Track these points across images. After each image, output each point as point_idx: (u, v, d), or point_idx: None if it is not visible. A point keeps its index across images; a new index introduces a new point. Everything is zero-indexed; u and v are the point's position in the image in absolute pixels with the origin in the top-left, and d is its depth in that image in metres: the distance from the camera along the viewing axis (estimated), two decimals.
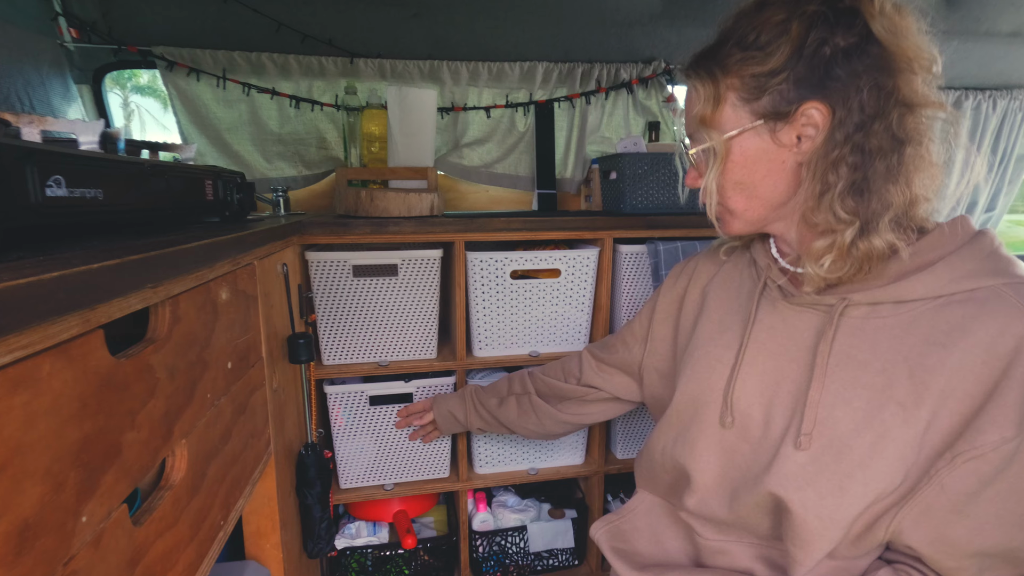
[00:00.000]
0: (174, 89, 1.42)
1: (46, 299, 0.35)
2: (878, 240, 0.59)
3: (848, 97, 0.58)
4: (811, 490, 0.63)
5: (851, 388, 0.62)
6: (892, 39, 0.57)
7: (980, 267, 0.60)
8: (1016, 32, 1.78)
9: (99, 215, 0.57)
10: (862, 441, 0.60)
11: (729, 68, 0.63)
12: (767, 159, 0.64)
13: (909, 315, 0.61)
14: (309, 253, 1.19)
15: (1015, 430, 0.54)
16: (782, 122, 0.62)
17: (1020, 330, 0.55)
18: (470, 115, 1.61)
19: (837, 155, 0.59)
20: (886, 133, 0.58)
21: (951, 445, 0.57)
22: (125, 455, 0.47)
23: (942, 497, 0.57)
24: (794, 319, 0.68)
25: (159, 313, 0.55)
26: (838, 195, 0.59)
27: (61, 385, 0.38)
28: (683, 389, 0.78)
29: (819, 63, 0.59)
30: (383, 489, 1.34)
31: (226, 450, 0.71)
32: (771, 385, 0.69)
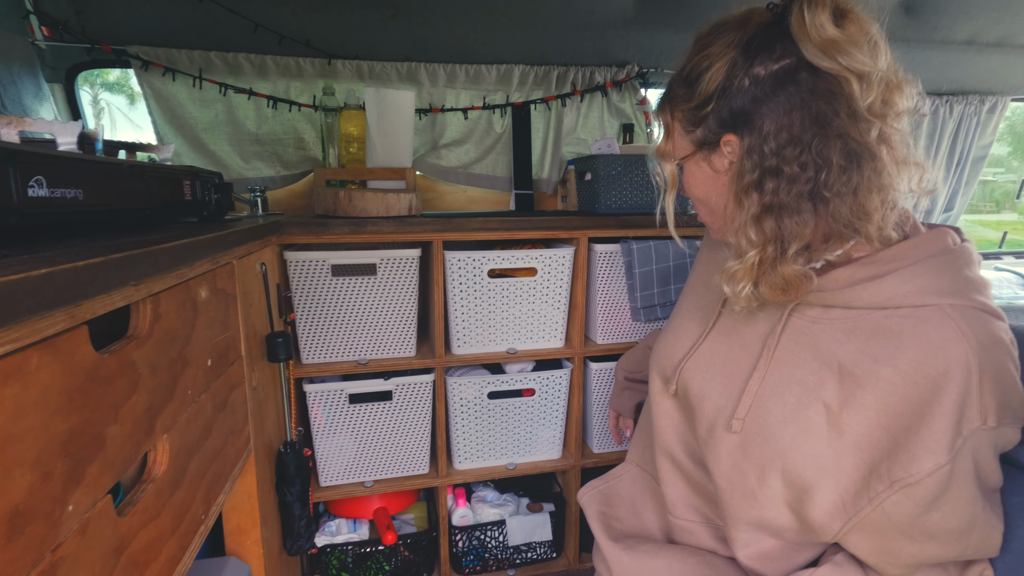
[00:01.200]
0: (149, 89, 1.42)
1: (34, 295, 0.37)
2: (794, 266, 0.60)
3: (761, 126, 0.59)
4: (736, 471, 0.67)
5: (786, 383, 0.66)
6: (825, 60, 0.56)
7: (932, 284, 0.59)
8: (970, 40, 1.86)
9: (80, 215, 0.58)
10: (785, 433, 0.64)
11: (674, 102, 0.68)
12: (711, 181, 0.68)
13: (854, 322, 0.62)
14: (288, 253, 1.20)
15: (947, 455, 0.54)
16: (712, 151, 0.65)
17: (954, 354, 0.55)
18: (448, 116, 1.64)
19: (748, 180, 0.61)
20: (802, 157, 0.57)
21: (886, 466, 0.58)
22: (109, 448, 0.48)
23: (885, 520, 0.59)
24: (757, 311, 0.71)
25: (140, 310, 0.57)
26: (751, 219, 0.61)
27: (48, 378, 0.40)
28: (657, 346, 0.85)
29: (738, 95, 0.60)
30: (363, 486, 1.35)
31: (207, 446, 0.72)
32: (720, 366, 0.73)
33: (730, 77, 0.61)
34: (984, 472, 0.60)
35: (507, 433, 1.43)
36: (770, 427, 0.65)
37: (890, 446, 0.58)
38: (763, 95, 0.59)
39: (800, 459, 0.63)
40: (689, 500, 0.80)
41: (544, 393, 1.42)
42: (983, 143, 2.07)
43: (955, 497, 0.57)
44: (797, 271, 0.61)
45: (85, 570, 0.44)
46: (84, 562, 0.44)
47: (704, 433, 0.73)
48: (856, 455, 0.60)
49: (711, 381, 0.74)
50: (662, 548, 0.79)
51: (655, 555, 0.79)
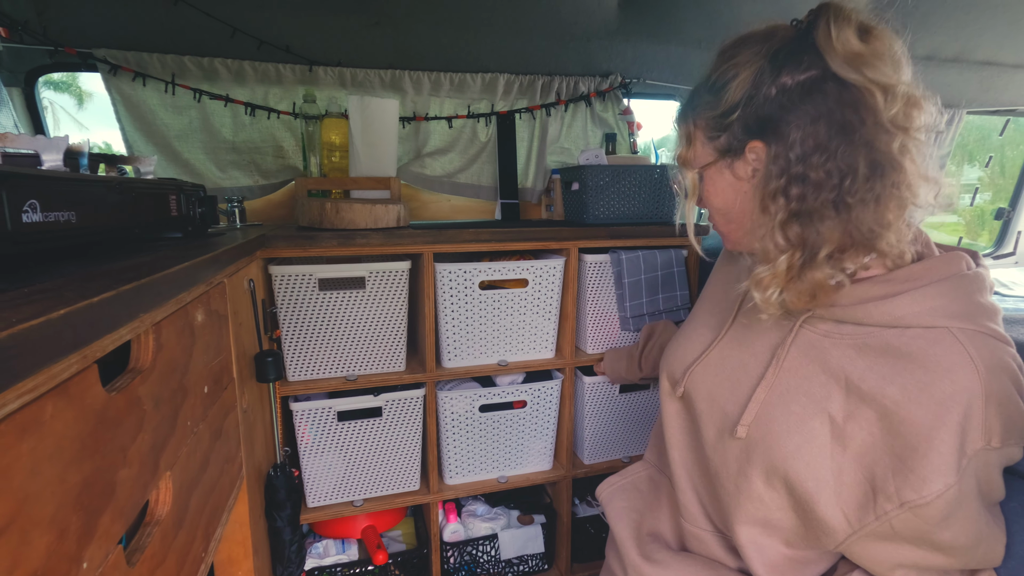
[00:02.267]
0: (118, 95, 1.35)
1: (54, 339, 0.33)
2: (818, 272, 0.61)
3: (786, 134, 0.60)
4: (742, 476, 0.69)
5: (793, 393, 0.67)
6: (851, 72, 0.57)
7: (943, 307, 0.60)
8: (930, 55, 1.95)
9: (73, 239, 0.54)
10: (789, 442, 0.65)
11: (697, 110, 0.70)
12: (732, 189, 0.70)
13: (864, 338, 0.63)
14: (273, 267, 1.15)
15: (955, 476, 0.55)
16: (736, 158, 0.67)
17: (962, 378, 0.56)
18: (431, 125, 1.61)
19: (774, 186, 0.62)
20: (827, 164, 0.58)
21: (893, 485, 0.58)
22: (119, 494, 0.45)
23: (893, 534, 0.60)
24: (769, 321, 0.72)
25: (143, 342, 0.53)
26: (779, 224, 0.62)
27: (63, 427, 0.37)
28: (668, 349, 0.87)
29: (764, 103, 0.62)
30: (352, 506, 1.31)
31: (205, 479, 0.68)
32: (729, 373, 0.75)
33: (757, 86, 0.62)
34: (988, 488, 0.61)
35: (498, 446, 1.41)
36: (775, 435, 0.67)
37: (893, 465, 0.59)
38: (790, 103, 0.60)
39: (802, 468, 0.64)
40: (701, 507, 0.81)
41: (535, 405, 1.41)
42: (942, 153, 2.17)
43: (963, 517, 0.58)
44: (827, 275, 0.61)
45: None
46: None
47: (712, 438, 0.75)
48: (857, 469, 0.61)
49: (719, 387, 0.75)
50: (676, 558, 0.80)
51: (669, 566, 0.79)
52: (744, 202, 0.69)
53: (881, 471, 0.60)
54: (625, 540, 0.85)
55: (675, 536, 0.86)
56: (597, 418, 1.45)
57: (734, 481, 0.71)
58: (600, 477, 1.52)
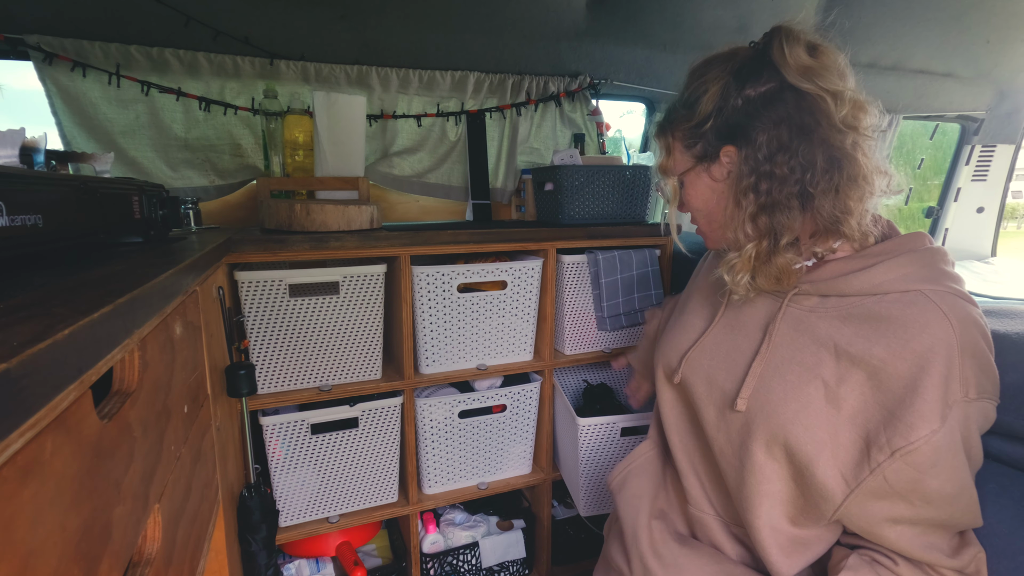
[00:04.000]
0: (53, 86, 1.22)
1: (60, 364, 0.28)
2: (786, 256, 0.70)
3: (754, 138, 0.69)
4: (744, 449, 0.73)
5: (787, 364, 0.72)
6: (805, 82, 0.65)
7: (915, 273, 0.67)
8: (871, 63, 2.07)
9: (40, 245, 0.48)
10: (787, 408, 0.70)
11: (674, 124, 0.78)
12: (710, 191, 0.77)
13: (848, 307, 0.69)
14: (239, 273, 1.08)
15: (940, 422, 0.61)
16: (712, 163, 0.75)
17: (938, 331, 0.62)
18: (400, 123, 1.56)
19: (745, 184, 0.70)
20: (792, 161, 0.67)
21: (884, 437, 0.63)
22: (115, 535, 0.39)
23: (886, 487, 0.64)
24: (757, 302, 0.79)
25: (129, 362, 0.47)
26: (748, 216, 0.70)
27: (62, 465, 0.31)
28: (663, 340, 0.91)
29: (732, 113, 0.71)
30: (328, 522, 1.25)
31: (188, 508, 0.62)
32: (725, 354, 0.80)
33: (725, 98, 0.71)
34: (968, 445, 0.66)
35: (478, 452, 1.38)
36: (773, 404, 0.71)
37: (884, 418, 0.64)
38: (755, 111, 0.69)
39: (801, 432, 0.68)
40: (703, 491, 0.84)
41: (514, 408, 1.39)
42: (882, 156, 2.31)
43: (949, 465, 0.63)
44: (788, 261, 0.70)
45: None
46: None
47: (714, 417, 0.79)
48: (852, 429, 0.66)
49: (716, 368, 0.80)
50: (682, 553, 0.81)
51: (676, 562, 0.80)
52: (721, 201, 0.77)
53: (873, 426, 0.64)
54: (634, 530, 0.87)
55: (681, 515, 0.88)
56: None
57: (737, 455, 0.75)
58: None
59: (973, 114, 2.40)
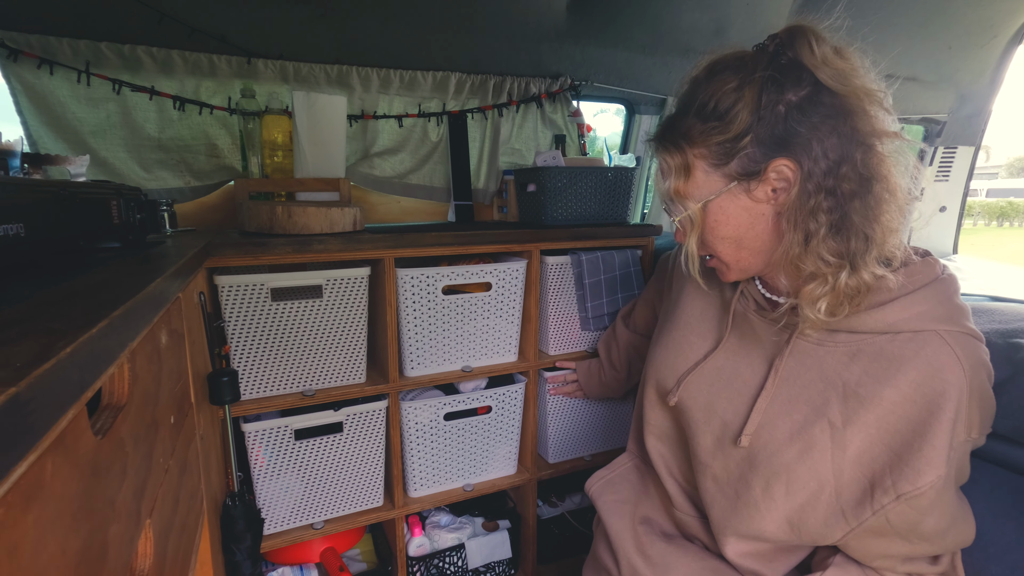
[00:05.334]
0: (18, 84, 1.17)
1: (65, 383, 0.27)
2: (866, 274, 0.62)
3: (811, 148, 0.60)
4: (743, 483, 0.72)
5: (793, 402, 0.70)
6: (840, 84, 0.60)
7: (930, 311, 0.63)
8: None
9: (22, 254, 0.46)
10: (792, 448, 0.68)
11: (694, 139, 0.66)
12: (747, 214, 0.67)
13: (858, 344, 0.66)
14: (219, 277, 1.05)
15: (946, 468, 0.60)
16: (755, 180, 0.65)
17: (950, 376, 0.60)
18: (380, 124, 1.54)
19: (814, 204, 0.61)
20: (854, 174, 0.60)
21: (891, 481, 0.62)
22: (111, 555, 0.38)
23: (887, 527, 0.64)
24: (762, 331, 0.75)
25: (119, 376, 0.46)
26: (822, 240, 0.61)
27: (62, 487, 0.30)
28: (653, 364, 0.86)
29: (777, 122, 0.62)
30: (312, 529, 1.23)
31: (176, 522, 0.61)
32: (726, 383, 0.76)
33: (764, 105, 0.62)
34: (960, 475, 0.67)
35: (463, 454, 1.38)
36: (777, 442, 0.69)
37: (890, 461, 0.62)
38: (802, 116, 0.61)
39: (804, 472, 0.67)
40: (687, 498, 0.85)
41: (500, 409, 1.39)
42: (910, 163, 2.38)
43: (943, 503, 0.64)
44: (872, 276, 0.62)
45: None
46: None
47: (710, 445, 0.76)
48: (857, 469, 0.64)
49: (716, 396, 0.76)
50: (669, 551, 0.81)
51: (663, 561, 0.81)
52: (761, 224, 0.67)
53: (879, 467, 0.63)
54: (620, 532, 0.86)
55: (667, 518, 0.89)
56: (560, 417, 1.45)
57: (734, 487, 0.73)
58: (564, 477, 1.53)
59: (936, 117, 2.49)
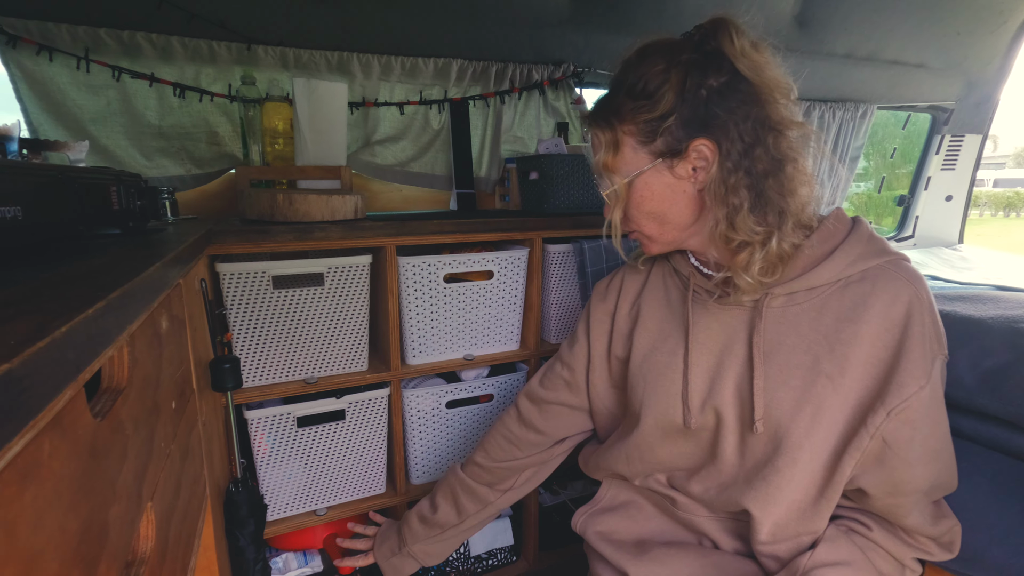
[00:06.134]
0: (18, 71, 1.17)
1: (60, 363, 0.27)
2: (786, 243, 0.69)
3: (728, 130, 0.66)
4: (770, 467, 0.71)
5: (787, 370, 0.71)
6: (755, 74, 0.66)
7: (866, 250, 0.70)
8: (848, 54, 2.11)
9: (19, 237, 0.46)
10: (804, 414, 0.70)
11: (624, 116, 0.70)
12: (670, 191, 0.71)
13: (820, 298, 0.71)
14: (221, 265, 1.05)
15: (925, 378, 0.65)
16: (677, 159, 0.69)
17: (906, 296, 0.67)
18: (382, 111, 1.53)
19: (734, 181, 0.67)
20: (767, 156, 0.66)
21: (880, 402, 0.66)
22: (111, 536, 0.38)
23: (888, 450, 0.67)
24: (726, 318, 0.76)
25: (118, 359, 0.46)
26: (748, 212, 0.67)
27: (60, 466, 0.30)
28: (648, 403, 0.81)
29: (699, 104, 0.67)
30: (315, 515, 1.24)
31: (179, 506, 0.61)
32: (716, 380, 0.76)
33: (688, 88, 0.67)
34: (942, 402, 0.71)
35: (465, 442, 1.38)
36: (788, 414, 0.70)
37: (879, 388, 0.67)
38: (721, 100, 0.66)
39: (822, 431, 0.69)
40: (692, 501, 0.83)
41: (502, 398, 1.39)
42: (857, 145, 2.36)
43: (934, 420, 0.68)
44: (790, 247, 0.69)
45: None
46: None
47: (736, 445, 0.75)
48: (857, 406, 0.68)
49: (719, 397, 0.75)
50: (668, 553, 0.81)
51: (663, 562, 0.80)
52: (682, 200, 0.72)
53: (872, 397, 0.67)
54: (613, 554, 0.85)
55: (661, 533, 0.87)
56: None
57: (761, 475, 0.73)
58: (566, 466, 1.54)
59: (943, 104, 2.46)
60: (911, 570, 0.75)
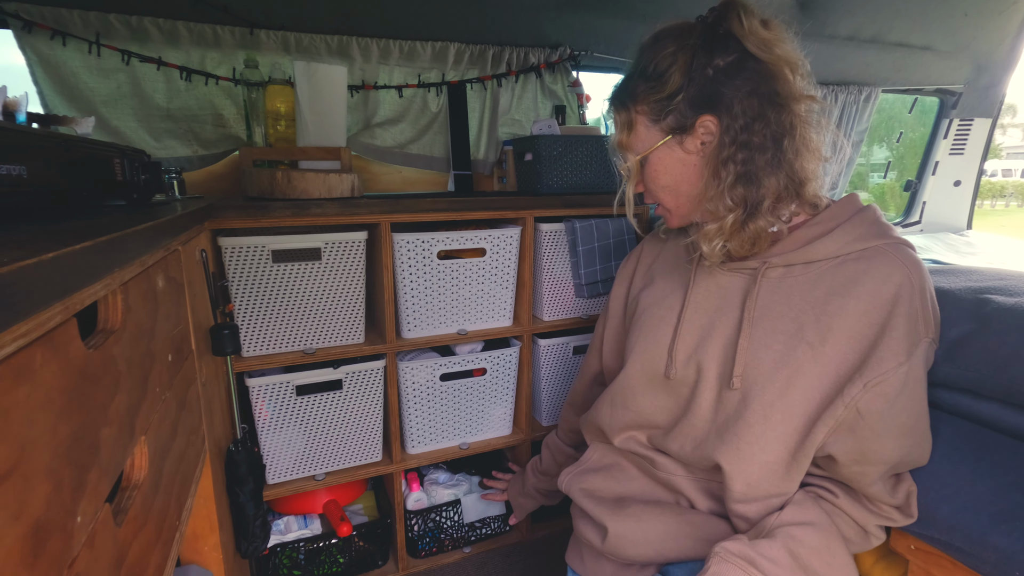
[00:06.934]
0: (34, 54, 1.23)
1: (46, 282, 0.32)
2: (761, 221, 0.73)
3: (732, 107, 0.70)
4: (742, 421, 0.75)
5: (771, 334, 0.75)
6: (765, 52, 0.69)
7: (867, 231, 0.74)
8: (851, 36, 2.10)
9: (23, 195, 0.51)
10: (780, 376, 0.73)
11: (637, 97, 0.77)
12: (681, 164, 0.77)
13: (816, 272, 0.74)
14: (223, 239, 1.11)
15: (905, 356, 0.68)
16: (686, 134, 0.75)
17: (898, 278, 0.70)
18: (381, 94, 1.58)
19: (726, 155, 0.72)
20: (766, 130, 0.70)
21: (858, 374, 0.69)
22: (103, 452, 0.44)
23: (860, 420, 0.70)
24: (725, 282, 0.81)
25: (111, 302, 0.51)
26: (728, 186, 0.72)
27: (51, 378, 0.36)
28: (637, 349, 0.88)
29: (705, 83, 0.72)
30: (314, 480, 1.30)
31: (174, 447, 0.67)
32: (705, 337, 0.81)
33: (695, 68, 0.72)
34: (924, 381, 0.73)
35: (459, 414, 1.43)
36: (765, 374, 0.74)
37: (859, 361, 0.70)
38: (727, 79, 0.71)
39: (796, 394, 0.72)
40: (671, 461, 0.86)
41: (495, 372, 1.44)
42: (860, 129, 2.35)
43: (909, 397, 0.70)
44: (768, 223, 0.74)
45: None
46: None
47: (712, 400, 0.79)
48: (836, 378, 0.71)
49: (704, 353, 0.80)
50: (645, 510, 0.85)
51: (639, 517, 0.85)
52: (693, 174, 0.77)
53: (851, 369, 0.70)
54: (597, 505, 0.89)
55: (641, 493, 0.91)
56: (554, 381, 1.50)
57: (733, 430, 0.76)
58: None
59: (951, 88, 2.43)
60: (875, 536, 0.78)
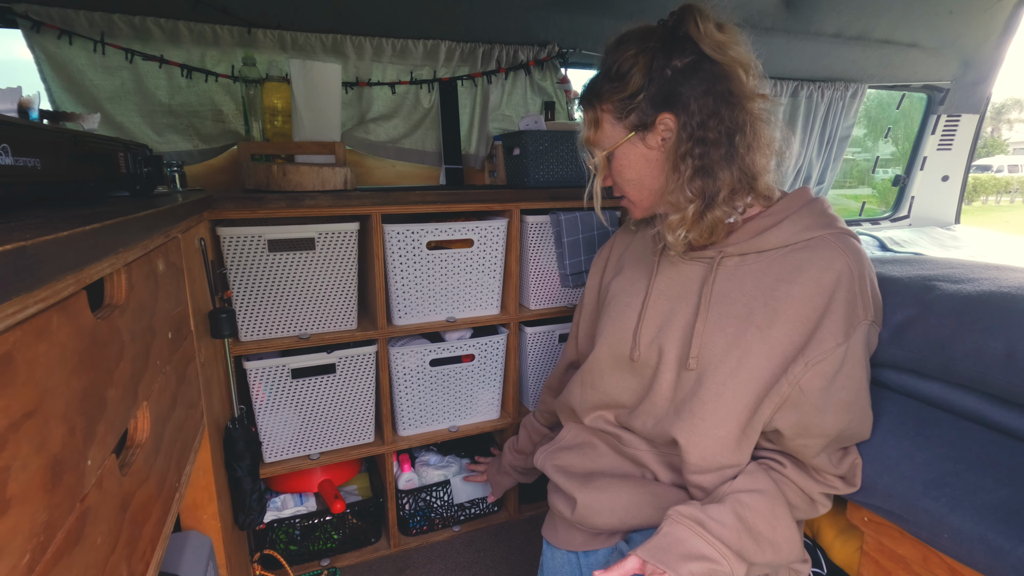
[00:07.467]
0: (42, 53, 1.29)
1: (61, 256, 0.38)
2: (718, 212, 0.79)
3: (688, 105, 0.76)
4: (697, 399, 0.82)
5: (725, 319, 0.82)
6: (719, 54, 0.76)
7: (814, 222, 0.80)
8: (837, 33, 2.14)
9: (37, 186, 0.57)
10: (731, 357, 0.80)
11: (602, 96, 0.83)
12: (644, 159, 0.83)
13: (767, 260, 0.81)
14: (221, 228, 1.17)
15: (844, 337, 0.75)
16: (647, 131, 0.81)
17: (839, 265, 0.76)
18: (375, 90, 1.63)
19: (684, 149, 0.78)
20: (720, 127, 0.76)
21: (801, 355, 0.76)
22: (109, 409, 0.50)
23: (802, 396, 0.76)
24: (686, 270, 0.87)
25: (116, 279, 0.57)
26: (687, 179, 0.78)
27: (66, 338, 0.42)
28: (605, 333, 0.94)
29: (664, 83, 0.78)
30: (309, 459, 1.37)
31: (174, 417, 0.73)
32: (666, 322, 0.87)
33: (655, 69, 0.78)
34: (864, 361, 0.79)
35: (449, 398, 1.50)
36: (718, 355, 0.81)
37: (803, 343, 0.76)
38: (684, 79, 0.78)
39: (745, 374, 0.79)
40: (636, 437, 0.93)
41: (483, 358, 1.50)
42: (847, 124, 2.39)
43: (848, 375, 0.76)
44: (724, 214, 0.79)
45: (105, 521, 0.46)
46: (103, 514, 0.46)
47: (672, 381, 0.86)
48: (782, 358, 0.77)
49: (665, 336, 0.86)
50: (612, 483, 0.91)
51: (606, 489, 0.91)
52: (655, 168, 0.83)
53: (795, 350, 0.77)
54: (568, 479, 0.95)
55: (611, 468, 0.97)
56: (540, 367, 1.56)
57: (689, 408, 0.82)
58: None
59: (939, 84, 2.47)
60: (821, 504, 0.84)
